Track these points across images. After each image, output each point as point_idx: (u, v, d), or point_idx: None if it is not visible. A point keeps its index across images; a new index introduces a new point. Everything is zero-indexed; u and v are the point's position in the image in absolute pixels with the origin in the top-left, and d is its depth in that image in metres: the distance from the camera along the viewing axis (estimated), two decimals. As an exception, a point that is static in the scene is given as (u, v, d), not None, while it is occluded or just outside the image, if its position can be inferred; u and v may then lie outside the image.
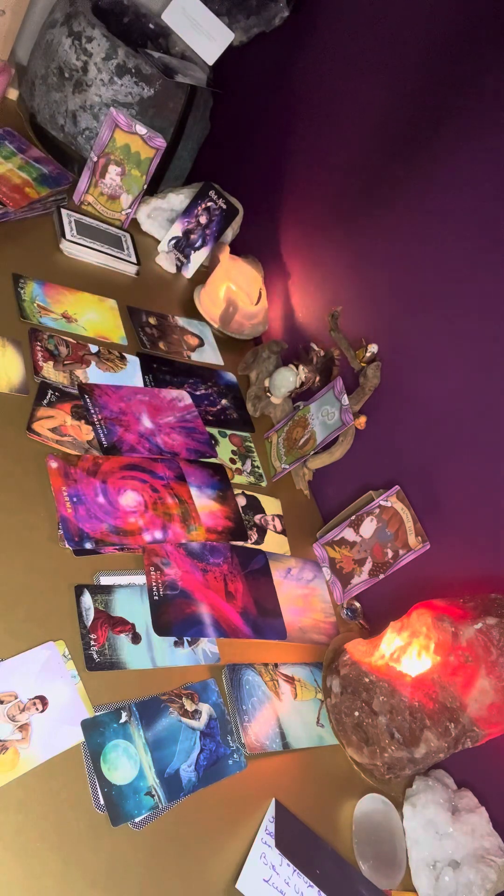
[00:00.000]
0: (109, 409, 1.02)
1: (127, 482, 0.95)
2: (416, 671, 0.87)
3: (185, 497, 0.99)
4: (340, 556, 1.09)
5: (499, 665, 0.82)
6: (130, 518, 0.91)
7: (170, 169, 1.43)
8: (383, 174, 1.13)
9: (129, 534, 0.90)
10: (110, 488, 0.93)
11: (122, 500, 0.92)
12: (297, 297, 1.36)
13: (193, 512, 0.98)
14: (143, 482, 0.97)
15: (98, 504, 0.90)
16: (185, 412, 1.11)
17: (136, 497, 0.94)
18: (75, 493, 0.88)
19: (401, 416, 1.09)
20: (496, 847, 0.86)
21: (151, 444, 1.03)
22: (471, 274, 0.98)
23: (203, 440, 1.10)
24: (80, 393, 1.00)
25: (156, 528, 0.93)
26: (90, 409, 0.99)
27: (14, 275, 1.09)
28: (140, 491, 0.95)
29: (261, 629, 0.94)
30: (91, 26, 1.22)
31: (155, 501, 0.96)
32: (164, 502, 0.97)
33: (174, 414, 1.10)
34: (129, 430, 1.02)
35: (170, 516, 0.96)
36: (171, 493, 0.98)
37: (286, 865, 0.75)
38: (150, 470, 0.99)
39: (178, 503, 0.98)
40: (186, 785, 0.75)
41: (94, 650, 0.78)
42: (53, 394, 0.97)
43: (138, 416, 1.05)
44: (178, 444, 1.06)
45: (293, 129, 1.34)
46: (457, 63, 1.01)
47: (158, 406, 1.09)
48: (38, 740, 0.68)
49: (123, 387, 1.07)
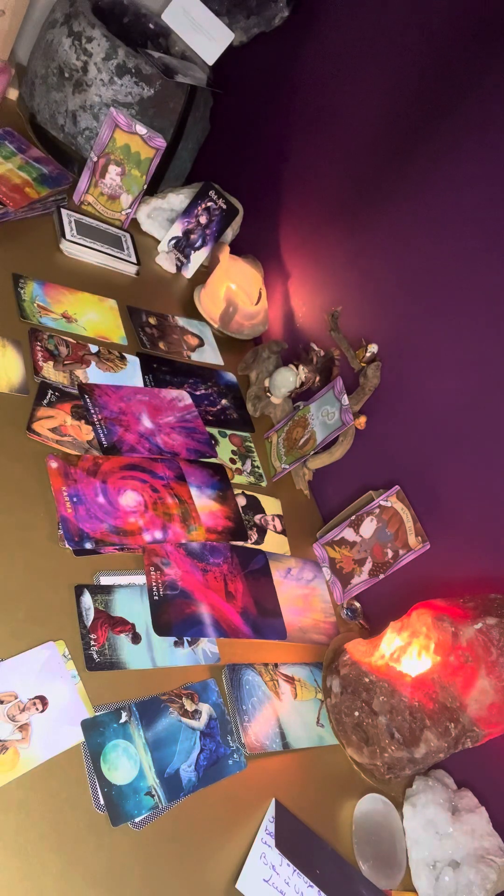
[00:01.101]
0: (109, 410, 1.02)
1: (127, 482, 0.95)
2: (416, 671, 0.87)
3: (185, 497, 0.99)
4: (340, 556, 1.09)
5: (499, 665, 0.82)
6: (130, 518, 0.91)
7: (170, 169, 1.43)
8: (383, 173, 1.13)
9: (129, 534, 0.90)
10: (110, 488, 0.92)
11: (122, 500, 0.92)
12: (297, 297, 1.36)
13: (193, 512, 0.98)
14: (144, 482, 0.96)
15: (98, 504, 0.89)
16: (186, 412, 1.11)
17: (136, 497, 0.94)
18: (75, 492, 0.88)
19: (401, 416, 1.09)
20: (496, 847, 0.86)
21: (151, 444, 1.03)
22: (471, 274, 0.98)
23: (203, 440, 1.10)
24: (80, 393, 1.01)
25: (156, 528, 0.93)
26: (90, 409, 0.99)
27: (14, 275, 1.09)
28: (140, 491, 0.95)
29: (261, 629, 0.94)
30: (91, 26, 1.22)
31: (155, 501, 0.95)
32: (164, 502, 0.96)
33: (174, 414, 1.10)
34: (129, 430, 1.02)
35: (170, 516, 0.95)
36: (171, 493, 0.98)
37: (286, 865, 0.75)
38: (150, 470, 0.99)
39: (178, 503, 0.98)
40: (186, 785, 0.75)
41: (94, 650, 0.78)
42: (53, 394, 0.97)
43: (138, 416, 1.05)
44: (178, 444, 1.06)
45: (293, 129, 1.34)
46: (457, 62, 1.01)
47: (158, 406, 1.09)
48: (38, 740, 0.68)
49: (123, 387, 1.07)
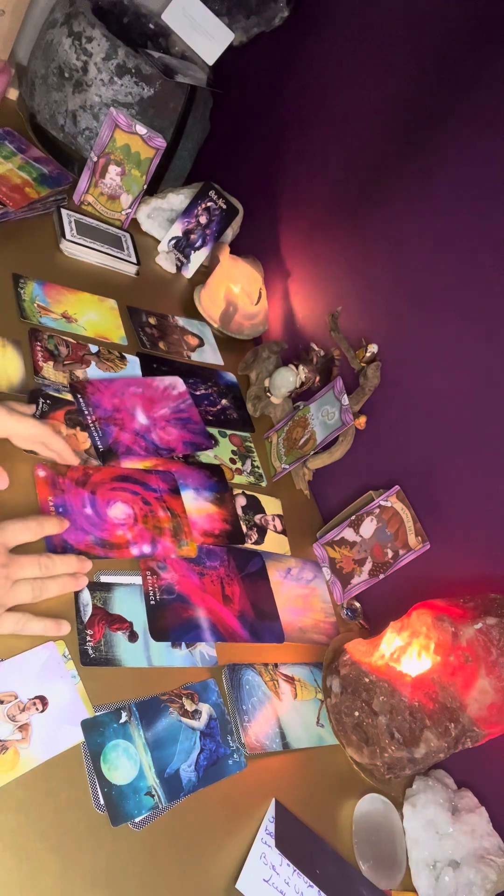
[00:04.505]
0: (103, 408, 1.00)
1: (117, 493, 0.92)
2: (416, 671, 0.87)
3: (178, 511, 0.96)
4: (340, 556, 1.09)
5: (499, 665, 0.82)
6: (118, 531, 0.89)
7: (170, 169, 1.43)
8: (383, 174, 1.13)
9: (116, 547, 0.87)
10: (99, 499, 0.90)
11: (110, 512, 0.90)
12: (297, 297, 1.36)
13: (186, 527, 0.96)
14: (135, 494, 0.94)
15: (85, 515, 0.87)
16: (180, 401, 1.09)
17: (125, 509, 0.91)
18: (61, 503, 0.86)
19: (401, 416, 1.09)
20: (496, 847, 0.86)
21: (147, 442, 1.01)
22: (471, 274, 0.98)
23: (198, 430, 1.09)
24: (73, 392, 0.99)
25: (144, 542, 0.90)
26: (84, 410, 0.98)
27: (14, 275, 1.09)
28: (130, 503, 0.92)
29: (258, 632, 0.94)
30: (91, 26, 1.22)
31: (146, 514, 0.93)
32: (156, 515, 0.94)
33: (168, 405, 1.08)
34: (123, 430, 1.00)
35: (160, 530, 0.93)
36: (164, 507, 0.95)
37: (286, 865, 0.75)
38: (142, 482, 0.96)
39: (170, 517, 0.95)
40: (186, 785, 0.74)
41: (89, 645, 0.77)
42: (45, 402, 0.95)
43: (132, 411, 1.03)
44: (174, 439, 1.05)
45: (293, 129, 1.34)
46: (458, 62, 1.01)
47: (152, 397, 1.07)
48: (38, 740, 0.68)
49: (115, 380, 1.06)
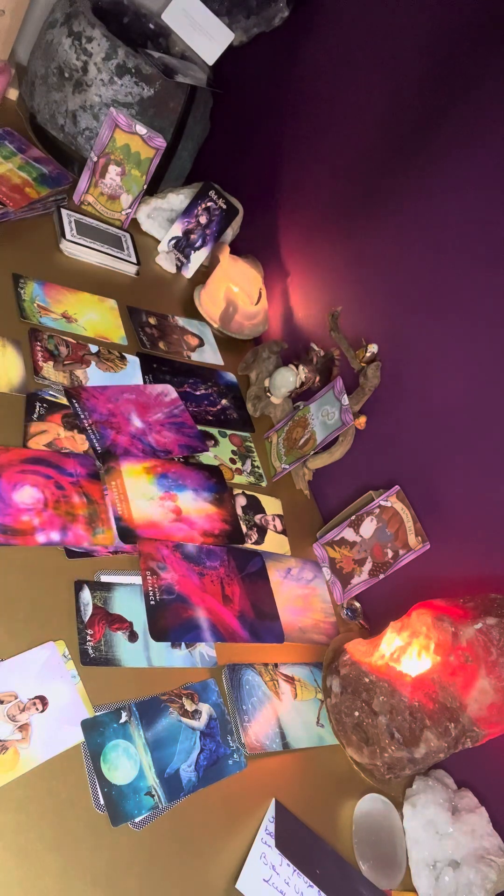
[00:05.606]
0: (99, 413, 1.00)
1: (27, 476, 0.86)
2: (416, 671, 0.87)
3: (95, 497, 0.90)
4: (340, 556, 1.09)
5: (499, 665, 0.82)
6: (24, 516, 0.82)
7: (170, 169, 1.43)
8: (384, 174, 1.13)
9: (19, 533, 0.81)
10: (4, 482, 0.84)
11: (16, 496, 0.83)
12: (297, 297, 1.36)
13: (103, 514, 0.90)
14: (48, 478, 0.88)
15: None
16: (173, 406, 1.09)
17: (34, 493, 0.85)
18: None
19: (401, 416, 1.09)
20: (496, 847, 0.86)
21: (144, 444, 1.02)
22: (471, 274, 0.98)
23: (193, 434, 1.09)
24: (68, 397, 0.99)
25: (53, 529, 0.84)
26: (80, 414, 0.98)
27: (14, 275, 1.09)
28: (41, 487, 0.86)
29: (258, 632, 0.94)
30: (91, 26, 1.22)
31: (58, 500, 0.87)
32: (70, 501, 0.87)
33: (162, 410, 1.08)
34: (120, 432, 1.00)
35: (73, 517, 0.87)
36: (80, 492, 0.89)
37: (286, 865, 0.75)
38: (57, 465, 0.90)
39: (86, 503, 0.89)
40: (186, 785, 0.74)
41: (89, 645, 0.77)
42: (42, 406, 0.95)
43: (128, 416, 1.03)
44: (170, 442, 1.05)
45: (293, 129, 1.34)
46: (458, 63, 1.01)
47: (146, 403, 1.07)
48: (38, 740, 0.68)
49: (109, 387, 1.05)
